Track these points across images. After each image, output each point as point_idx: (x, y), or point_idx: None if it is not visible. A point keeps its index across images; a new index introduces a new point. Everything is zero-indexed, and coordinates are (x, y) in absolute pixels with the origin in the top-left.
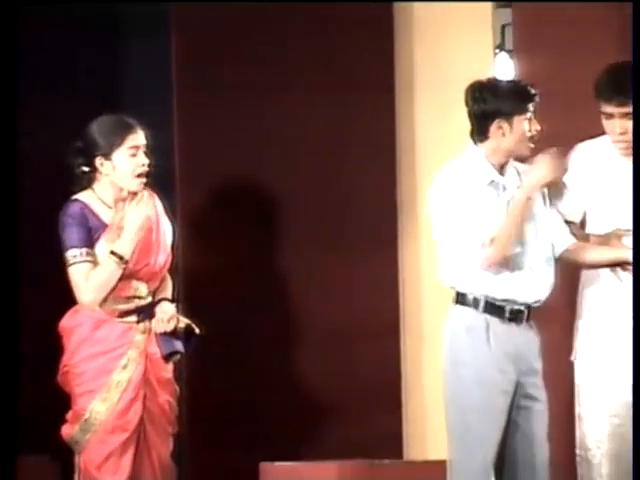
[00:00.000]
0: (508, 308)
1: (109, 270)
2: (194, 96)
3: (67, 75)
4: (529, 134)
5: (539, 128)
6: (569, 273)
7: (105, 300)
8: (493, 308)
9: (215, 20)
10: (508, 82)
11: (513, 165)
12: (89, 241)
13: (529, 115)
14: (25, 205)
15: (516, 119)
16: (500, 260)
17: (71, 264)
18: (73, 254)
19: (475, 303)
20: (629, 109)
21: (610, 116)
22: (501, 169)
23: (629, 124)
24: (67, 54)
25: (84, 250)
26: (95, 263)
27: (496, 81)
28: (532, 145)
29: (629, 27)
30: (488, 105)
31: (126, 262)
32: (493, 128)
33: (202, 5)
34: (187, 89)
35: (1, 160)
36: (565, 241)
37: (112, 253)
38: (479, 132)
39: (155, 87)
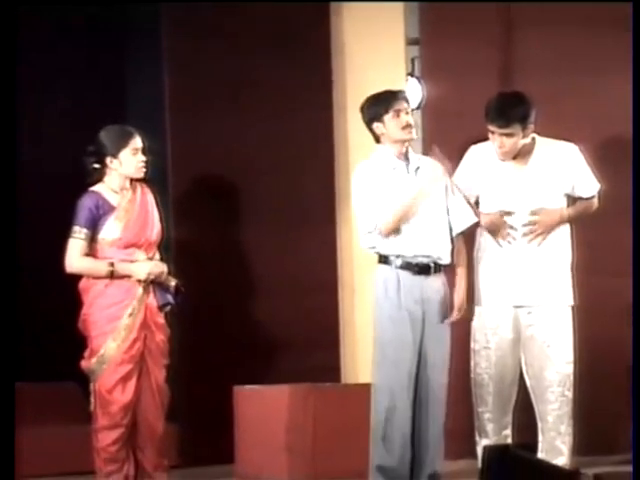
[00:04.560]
0: (415, 263)
1: (97, 270)
2: (184, 106)
3: (67, 75)
4: (402, 124)
5: (409, 119)
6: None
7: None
8: (404, 264)
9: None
10: (378, 93)
11: (413, 153)
12: (91, 224)
13: (394, 112)
14: (24, 202)
15: (386, 118)
16: (392, 230)
17: (71, 237)
18: (75, 230)
19: (390, 262)
20: (507, 130)
21: (493, 133)
22: (403, 157)
23: (506, 141)
24: (67, 54)
25: (84, 230)
26: (88, 242)
27: (370, 96)
28: (409, 132)
29: (514, 65)
30: (365, 114)
31: (112, 273)
32: (376, 130)
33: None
34: (178, 97)
35: (1, 160)
36: (466, 221)
37: (110, 265)
38: (372, 135)
39: (151, 88)
